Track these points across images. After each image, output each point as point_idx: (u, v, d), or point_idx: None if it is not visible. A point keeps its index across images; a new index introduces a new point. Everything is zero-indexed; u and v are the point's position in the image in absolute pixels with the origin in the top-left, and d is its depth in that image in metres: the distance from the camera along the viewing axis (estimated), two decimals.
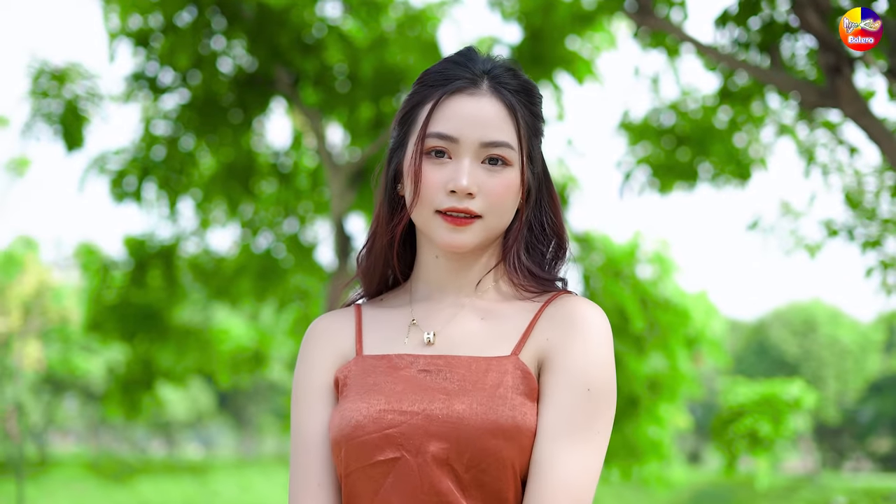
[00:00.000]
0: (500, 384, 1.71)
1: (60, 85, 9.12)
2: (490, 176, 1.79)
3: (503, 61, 1.87)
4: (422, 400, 1.74)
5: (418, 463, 1.70)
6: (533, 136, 1.86)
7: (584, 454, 1.67)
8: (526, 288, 1.84)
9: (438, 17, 8.72)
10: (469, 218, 1.79)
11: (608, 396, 1.72)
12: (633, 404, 8.07)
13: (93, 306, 10.54)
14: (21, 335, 28.32)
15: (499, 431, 1.69)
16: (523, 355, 1.75)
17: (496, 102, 1.81)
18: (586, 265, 8.82)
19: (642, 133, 7.94)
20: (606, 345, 1.74)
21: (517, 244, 1.87)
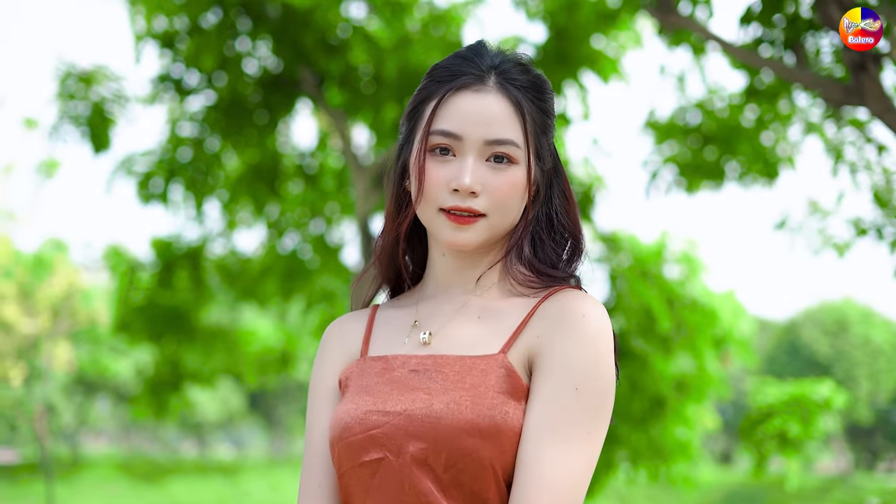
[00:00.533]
0: (482, 383, 1.69)
1: (87, 87, 9.16)
2: (494, 174, 1.77)
3: (513, 56, 1.84)
4: (405, 400, 1.73)
5: (400, 463, 1.69)
6: (541, 134, 1.82)
7: (570, 455, 1.63)
8: (527, 284, 1.80)
9: (463, 16, 8.71)
10: (472, 216, 1.77)
11: (599, 395, 1.67)
12: (660, 405, 8.02)
13: (121, 308, 10.58)
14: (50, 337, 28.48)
15: (475, 431, 1.66)
16: (511, 353, 1.72)
17: (502, 99, 1.78)
18: (613, 266, 8.78)
19: (668, 132, 7.89)
20: (599, 341, 1.69)
21: (521, 241, 1.84)
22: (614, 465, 8.14)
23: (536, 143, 1.81)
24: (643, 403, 7.96)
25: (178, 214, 9.74)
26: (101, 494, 31.94)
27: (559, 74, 8.11)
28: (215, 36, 8.19)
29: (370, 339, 1.92)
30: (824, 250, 7.62)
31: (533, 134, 1.80)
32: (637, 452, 7.94)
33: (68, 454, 41.77)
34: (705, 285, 8.91)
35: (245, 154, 9.38)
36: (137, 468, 38.25)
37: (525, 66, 1.83)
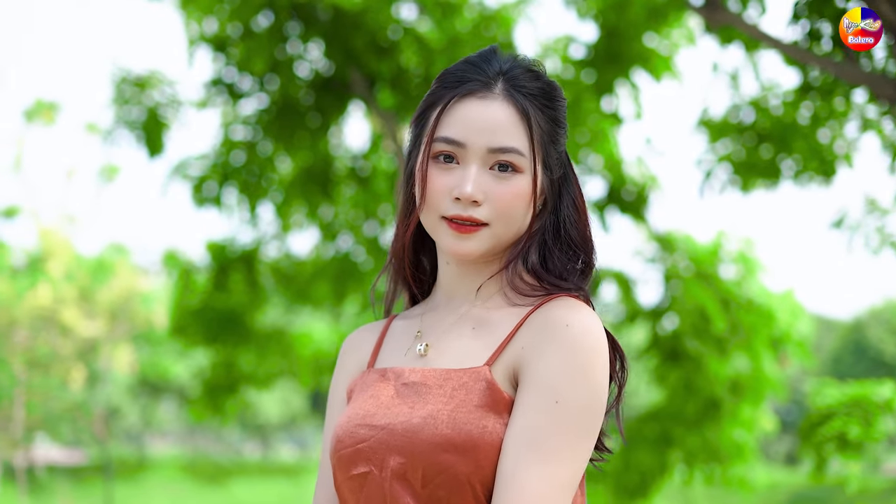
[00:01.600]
0: (462, 397, 1.66)
1: (141, 92, 9.25)
2: (498, 182, 1.74)
3: (524, 62, 1.81)
4: (390, 414, 1.72)
5: (382, 478, 1.68)
6: (550, 142, 1.79)
7: (549, 470, 1.59)
8: (527, 294, 1.76)
9: (514, 16, 8.67)
10: (475, 225, 1.73)
11: (581, 409, 1.62)
12: (715, 406, 7.92)
13: (177, 310, 10.66)
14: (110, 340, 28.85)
15: (450, 446, 1.63)
16: (497, 365, 1.68)
17: (508, 106, 1.75)
18: (668, 266, 8.69)
19: (722, 130, 7.79)
20: (582, 353, 1.64)
21: (525, 251, 1.80)
22: (670, 468, 8.06)
23: (544, 152, 1.77)
24: (697, 405, 7.87)
25: (232, 218, 9.79)
26: (164, 495, 32.27)
27: (610, 73, 8.05)
28: (266, 39, 8.22)
29: (380, 350, 1.91)
30: (883, 249, 7.49)
31: (540, 142, 1.76)
32: (692, 454, 7.86)
33: (133, 455, 42.29)
34: (763, 285, 8.79)
35: (298, 157, 9.40)
36: (201, 469, 38.64)
37: (536, 73, 1.80)
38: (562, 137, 1.83)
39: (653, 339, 8.27)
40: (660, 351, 8.20)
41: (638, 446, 7.97)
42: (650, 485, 8.06)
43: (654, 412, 8.12)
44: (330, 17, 8.34)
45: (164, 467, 39.03)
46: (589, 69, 8.17)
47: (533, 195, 1.76)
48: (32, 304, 27.30)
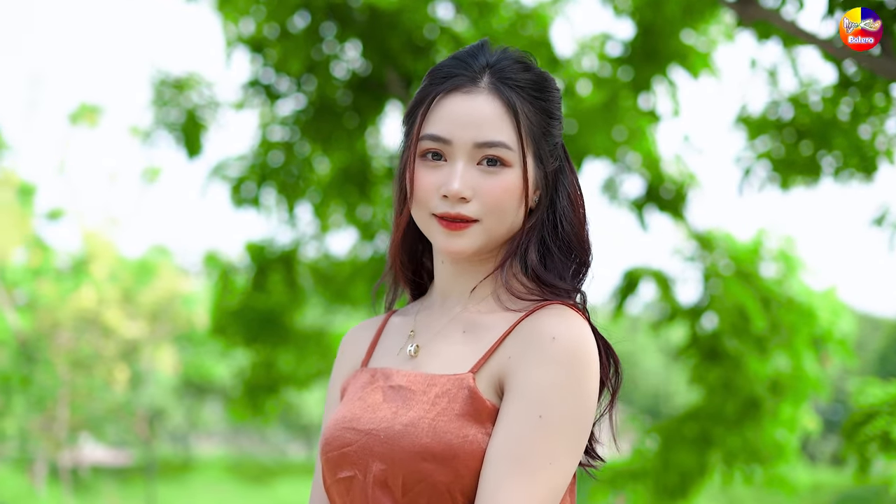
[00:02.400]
0: (445, 405, 1.64)
1: (180, 94, 9.31)
2: (486, 178, 1.71)
3: (513, 54, 1.78)
4: (375, 419, 1.70)
5: (365, 483, 1.67)
6: (541, 135, 1.76)
7: (530, 485, 1.57)
8: (522, 297, 1.73)
9: (551, 14, 8.64)
10: (465, 222, 1.71)
11: (565, 423, 1.60)
12: (755, 406, 7.86)
13: (217, 311, 10.71)
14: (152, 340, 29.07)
15: (429, 455, 1.62)
16: (482, 373, 1.66)
17: (493, 100, 1.72)
18: (707, 265, 8.63)
19: (760, 127, 7.71)
20: (568, 366, 1.61)
21: (523, 249, 1.77)
22: (710, 468, 8.00)
23: (535, 145, 1.75)
24: (737, 405, 7.81)
25: (270, 218, 9.83)
26: (210, 496, 32.48)
27: (647, 71, 8.00)
28: (303, 40, 8.24)
29: (375, 348, 1.90)
30: None
31: (529, 134, 1.74)
32: (732, 454, 7.80)
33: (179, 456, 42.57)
34: (804, 283, 8.70)
35: (335, 157, 9.42)
36: (246, 470, 38.83)
37: (525, 65, 1.78)
38: (555, 129, 1.80)
39: (692, 338, 8.21)
40: (699, 350, 8.14)
41: (677, 446, 7.92)
42: (690, 485, 8.00)
43: (693, 412, 8.06)
44: (366, 17, 8.34)
45: (209, 468, 39.26)
46: (626, 67, 8.12)
47: (524, 189, 1.74)
48: (76, 306, 27.58)
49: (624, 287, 8.39)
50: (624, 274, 8.38)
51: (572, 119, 8.54)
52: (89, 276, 30.41)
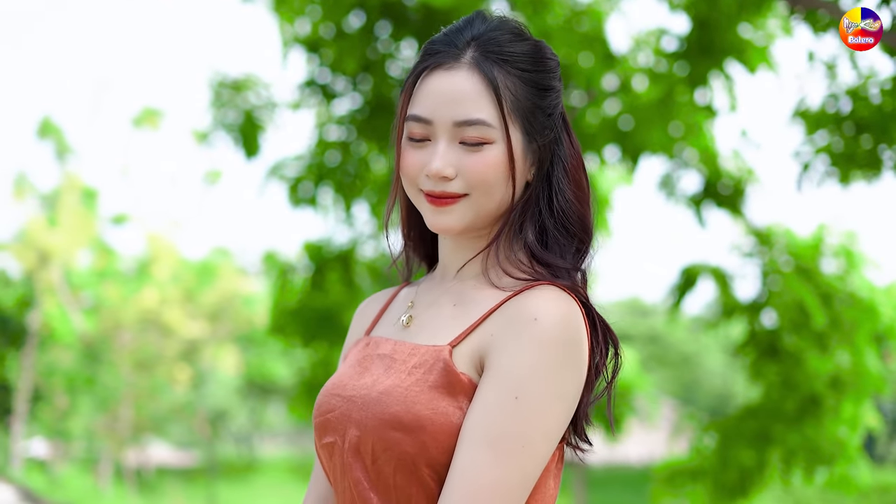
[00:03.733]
0: (420, 375, 1.64)
1: (238, 95, 9.39)
2: (469, 155, 1.70)
3: (503, 24, 1.75)
4: (357, 386, 1.72)
5: (343, 449, 1.68)
6: (532, 107, 1.73)
7: (501, 466, 1.55)
8: (515, 276, 1.72)
9: (606, 10, 8.60)
10: (452, 198, 1.70)
11: (542, 406, 1.58)
12: (815, 403, 7.75)
13: (275, 310, 10.78)
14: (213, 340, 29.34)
15: (398, 424, 1.62)
16: (462, 347, 1.66)
17: (473, 75, 1.70)
18: (767, 261, 8.54)
19: (819, 121, 7.62)
20: (550, 349, 1.59)
21: (520, 224, 1.75)
22: (771, 466, 7.91)
23: (524, 119, 1.72)
24: (796, 402, 7.71)
25: (328, 218, 9.87)
26: (273, 496, 32.67)
27: (703, 66, 7.93)
28: (358, 39, 8.27)
29: (381, 317, 1.92)
30: None
31: (515, 109, 1.71)
32: (791, 452, 7.70)
33: (243, 457, 42.92)
34: (866, 279, 8.58)
35: (391, 156, 9.43)
36: (309, 471, 39.02)
37: (515, 35, 1.75)
38: (549, 101, 1.77)
39: (750, 335, 8.13)
40: (757, 347, 8.06)
41: (736, 444, 7.84)
42: (749, 484, 7.92)
43: (752, 409, 7.98)
44: (420, 16, 8.35)
45: (272, 469, 39.54)
46: (681, 62, 8.06)
47: (510, 165, 1.71)
48: (138, 307, 27.93)
49: (682, 284, 8.34)
50: (681, 271, 8.32)
51: (628, 115, 8.50)
52: (152, 278, 30.80)
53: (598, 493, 32.21)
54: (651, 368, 50.59)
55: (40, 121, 37.50)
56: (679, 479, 8.34)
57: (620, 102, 8.63)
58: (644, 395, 10.42)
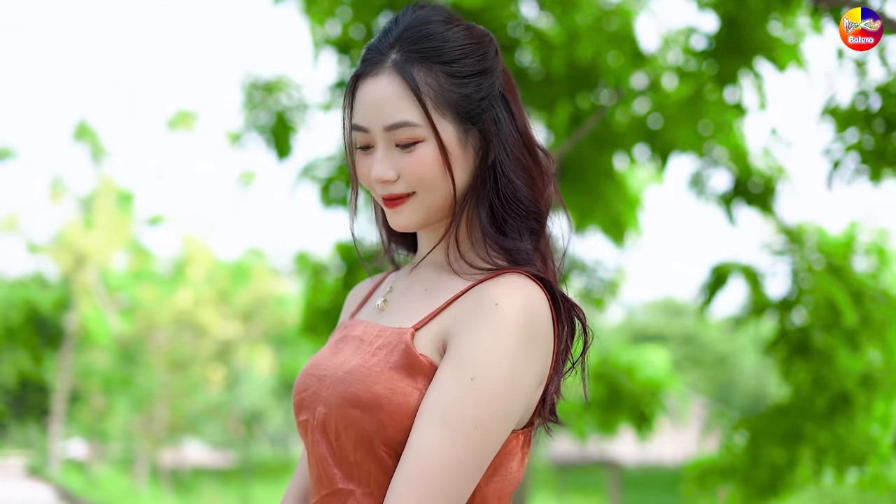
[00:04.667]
0: (379, 356, 1.70)
1: (269, 96, 9.46)
2: (405, 156, 1.76)
3: (427, 16, 1.79)
4: (328, 366, 1.78)
5: (313, 427, 1.75)
6: (460, 98, 1.76)
7: (454, 446, 1.60)
8: (471, 264, 1.78)
9: (635, 9, 8.60)
10: (401, 198, 1.77)
11: (497, 389, 1.61)
12: (846, 401, 7.73)
13: (308, 310, 10.83)
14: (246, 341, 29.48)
15: (357, 402, 1.67)
16: (425, 331, 1.71)
17: (394, 78, 1.75)
18: (797, 259, 8.52)
19: (849, 119, 7.59)
20: (508, 333, 1.63)
21: (464, 213, 1.80)
22: (802, 465, 7.89)
23: (454, 109, 1.75)
24: (826, 400, 7.69)
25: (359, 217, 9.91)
26: None
27: (732, 64, 7.93)
28: None
29: (366, 301, 1.99)
30: None
31: (441, 103, 1.75)
32: (821, 451, 7.68)
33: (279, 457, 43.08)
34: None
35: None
36: None
37: (440, 26, 1.78)
38: (477, 86, 1.79)
39: (780, 332, 8.12)
40: (788, 345, 8.04)
41: (767, 442, 7.83)
42: (780, 482, 7.90)
43: (782, 407, 7.96)
44: None
45: None
46: (710, 60, 8.06)
47: (443, 158, 1.75)
48: (173, 307, 28.13)
49: (712, 283, 8.33)
50: (711, 269, 8.32)
51: (657, 114, 8.50)
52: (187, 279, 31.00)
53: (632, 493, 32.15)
54: (686, 369, 50.44)
55: (76, 124, 37.85)
56: (710, 478, 8.33)
57: (650, 101, 8.64)
58: (675, 394, 10.41)
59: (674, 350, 50.73)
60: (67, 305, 39.45)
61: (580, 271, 10.44)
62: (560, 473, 32.56)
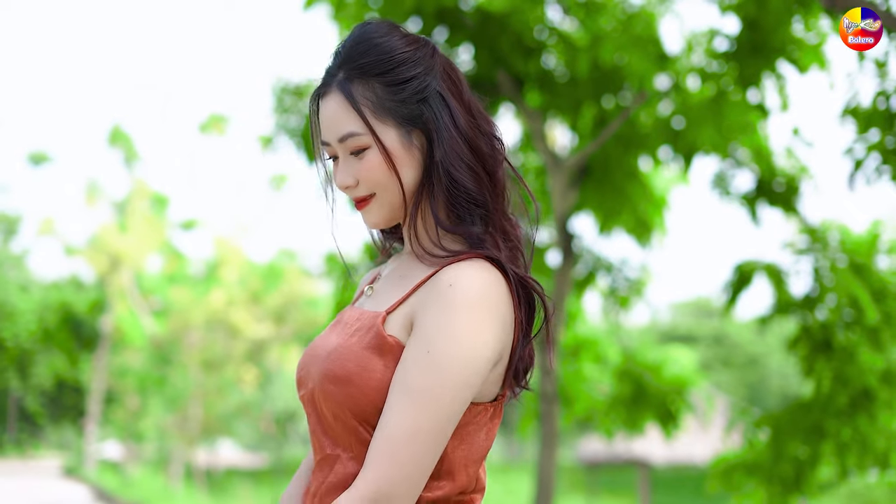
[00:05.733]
0: (356, 337, 1.91)
1: (300, 100, 9.62)
2: (359, 164, 1.98)
3: (363, 34, 2.00)
4: (320, 346, 2.00)
5: (306, 401, 1.99)
6: (397, 103, 1.96)
7: (417, 415, 1.79)
8: (432, 253, 1.97)
9: (658, 12, 8.69)
10: (364, 200, 1.99)
11: (452, 362, 1.79)
12: (868, 397, 7.80)
13: (337, 311, 10.98)
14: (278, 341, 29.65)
15: (333, 377, 1.90)
16: (396, 314, 1.91)
17: (338, 95, 1.97)
18: (821, 257, 8.58)
19: (870, 119, 7.66)
20: (460, 310, 1.81)
21: (417, 207, 2.00)
22: (824, 461, 7.96)
23: (393, 115, 1.96)
24: (847, 396, 7.76)
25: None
26: None
27: (754, 66, 8.02)
28: None
29: (366, 289, 2.16)
30: None
31: (380, 110, 1.95)
32: (844, 446, 7.75)
33: None
34: None
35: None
36: None
37: (372, 43, 1.99)
38: (411, 89, 1.97)
39: (802, 329, 8.19)
40: (810, 342, 8.11)
41: (789, 438, 7.91)
42: (804, 479, 7.97)
43: (804, 403, 8.04)
44: (477, 20, 8.50)
45: None
46: (732, 62, 8.15)
47: (388, 160, 1.95)
48: (206, 309, 28.35)
49: (736, 281, 8.40)
50: (735, 268, 8.39)
51: (681, 115, 8.60)
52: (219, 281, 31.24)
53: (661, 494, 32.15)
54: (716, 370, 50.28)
55: (111, 129, 38.21)
56: (735, 475, 8.41)
57: (673, 103, 8.74)
58: (700, 392, 10.50)
59: (704, 351, 50.60)
60: (102, 308, 39.84)
61: (606, 271, 10.54)
62: (589, 474, 32.59)
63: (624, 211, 9.66)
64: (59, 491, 30.26)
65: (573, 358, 11.01)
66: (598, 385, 10.76)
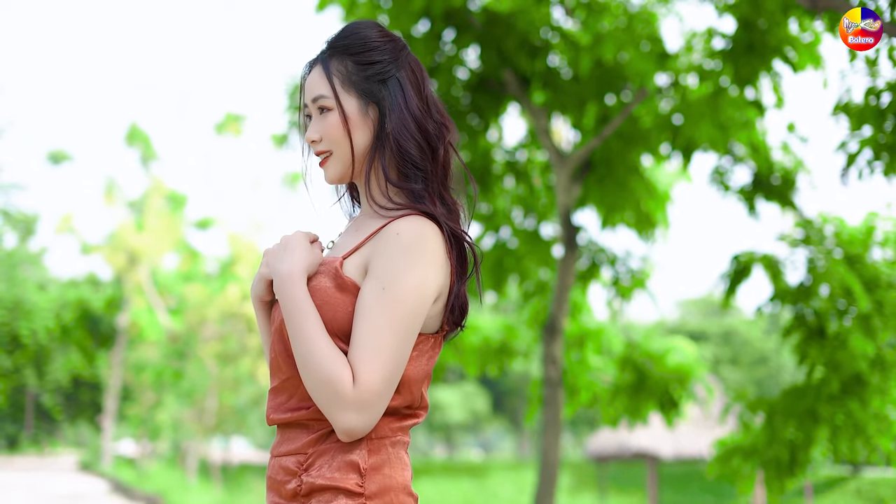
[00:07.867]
0: (319, 278, 2.30)
1: None
2: (323, 121, 2.38)
3: (350, 27, 2.44)
4: None
5: (273, 330, 2.41)
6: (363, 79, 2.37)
7: (371, 326, 2.19)
8: (384, 207, 2.35)
9: (659, 13, 8.93)
10: (324, 157, 2.40)
11: (402, 294, 2.20)
12: (859, 382, 8.02)
13: None
14: None
15: None
16: (351, 260, 2.30)
17: (318, 68, 2.41)
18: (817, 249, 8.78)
19: (862, 115, 7.91)
20: (407, 252, 2.22)
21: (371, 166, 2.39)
22: (817, 443, 8.16)
23: (357, 87, 2.37)
24: (839, 381, 7.97)
25: None
26: None
27: (749, 64, 8.26)
28: (424, 45, 8.70)
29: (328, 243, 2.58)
30: None
31: (347, 82, 2.38)
32: (836, 430, 7.97)
33: None
34: None
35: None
36: None
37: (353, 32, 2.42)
38: (376, 70, 2.39)
39: (796, 318, 8.36)
40: (804, 330, 8.29)
41: (783, 421, 8.11)
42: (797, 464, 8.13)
43: (798, 389, 8.24)
44: (483, 21, 8.73)
45: None
46: (730, 61, 8.38)
47: (344, 121, 2.36)
48: (222, 303, 28.59)
49: (733, 273, 8.57)
50: (732, 259, 8.56)
51: (680, 112, 8.84)
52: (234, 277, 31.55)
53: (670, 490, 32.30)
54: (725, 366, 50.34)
55: (128, 128, 38.53)
56: (734, 459, 8.58)
57: (673, 100, 8.98)
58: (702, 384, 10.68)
59: (713, 348, 50.69)
60: (119, 305, 40.19)
61: (610, 264, 10.77)
62: (598, 468, 32.75)
63: (626, 205, 9.90)
64: (76, 484, 30.62)
65: (578, 347, 11.27)
66: (602, 374, 11.02)
